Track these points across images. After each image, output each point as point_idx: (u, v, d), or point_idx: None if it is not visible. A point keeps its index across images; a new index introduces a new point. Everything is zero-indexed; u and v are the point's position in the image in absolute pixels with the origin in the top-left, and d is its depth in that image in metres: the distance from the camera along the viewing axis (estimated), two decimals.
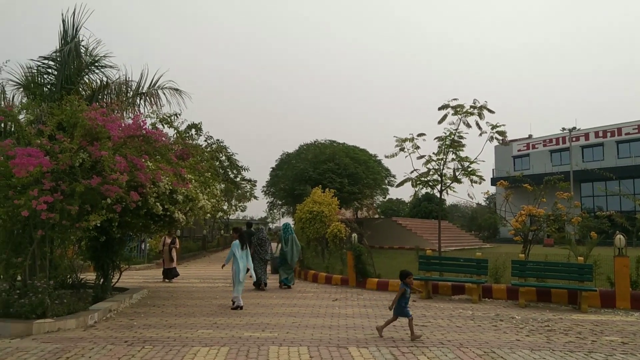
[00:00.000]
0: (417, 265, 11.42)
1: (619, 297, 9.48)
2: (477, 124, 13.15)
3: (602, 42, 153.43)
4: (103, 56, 11.18)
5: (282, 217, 39.29)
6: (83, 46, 11.04)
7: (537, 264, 10.51)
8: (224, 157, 31.43)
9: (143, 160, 8.41)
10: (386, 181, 34.87)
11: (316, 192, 19.46)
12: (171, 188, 9.27)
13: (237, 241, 9.72)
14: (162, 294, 11.36)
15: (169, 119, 10.01)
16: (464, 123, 13.22)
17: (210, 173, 11.82)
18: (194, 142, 21.57)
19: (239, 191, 38.94)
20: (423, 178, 14.01)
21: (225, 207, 34.13)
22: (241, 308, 9.13)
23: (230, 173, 33.42)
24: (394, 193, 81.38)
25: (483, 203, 49.62)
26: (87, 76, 11.37)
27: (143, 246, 21.14)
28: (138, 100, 11.66)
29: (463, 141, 13.43)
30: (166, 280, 14.53)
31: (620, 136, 44.08)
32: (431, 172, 13.85)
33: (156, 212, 9.28)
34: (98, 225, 7.76)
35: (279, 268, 13.27)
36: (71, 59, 10.58)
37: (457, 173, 13.71)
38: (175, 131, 10.60)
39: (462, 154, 13.55)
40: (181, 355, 5.67)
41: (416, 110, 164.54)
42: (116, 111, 9.79)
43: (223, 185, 26.11)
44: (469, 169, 13.54)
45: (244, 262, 9.62)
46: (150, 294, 11.20)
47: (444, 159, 13.55)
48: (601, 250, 11.78)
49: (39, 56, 10.72)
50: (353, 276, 12.97)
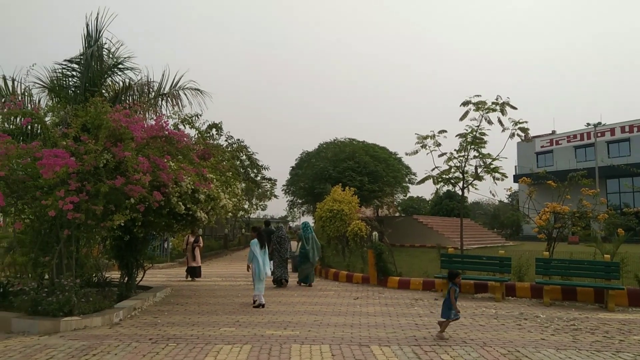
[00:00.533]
0: (439, 263, 11.36)
1: None
2: (500, 121, 13.03)
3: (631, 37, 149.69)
4: (125, 58, 11.30)
5: (302, 216, 39.35)
6: (106, 48, 11.20)
7: (562, 262, 10.34)
8: (245, 157, 31.67)
9: (165, 160, 8.50)
10: (407, 179, 34.59)
11: (336, 191, 19.46)
12: (193, 187, 9.35)
13: (256, 240, 9.79)
14: (185, 292, 11.50)
15: (191, 120, 10.10)
16: (486, 119, 13.11)
17: (231, 172, 11.90)
18: (215, 142, 21.74)
19: (260, 190, 39.19)
20: (444, 175, 13.93)
21: (246, 206, 34.38)
22: (263, 306, 9.19)
23: (250, 172, 33.68)
24: (415, 191, 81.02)
25: (505, 200, 49.20)
26: (110, 78, 11.54)
27: (166, 245, 21.43)
28: (160, 101, 11.78)
29: (485, 138, 13.32)
30: (189, 278, 14.66)
31: None
32: (453, 170, 13.77)
33: (178, 212, 9.37)
34: (122, 224, 7.88)
35: (299, 267, 13.37)
36: (94, 62, 10.77)
37: (479, 170, 13.58)
38: (196, 132, 10.71)
39: (484, 151, 13.44)
40: (205, 352, 5.73)
41: (438, 107, 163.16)
42: (139, 112, 9.91)
43: (244, 184, 26.32)
44: (491, 166, 13.40)
45: (263, 261, 9.70)
46: (173, 293, 11.35)
47: (466, 156, 13.45)
48: (628, 247, 11.55)
49: (64, 59, 10.91)
50: (374, 274, 12.93)
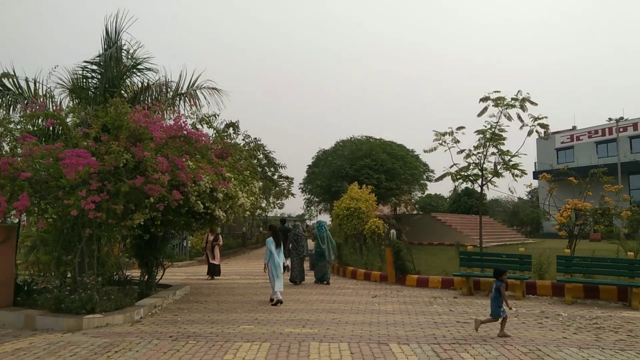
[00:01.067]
0: (458, 261, 11.26)
1: None
2: (519, 117, 12.84)
3: None
4: (144, 59, 11.49)
5: (319, 214, 39.30)
6: (124, 50, 11.36)
7: (584, 260, 10.14)
8: (262, 155, 31.80)
9: (184, 160, 8.59)
10: (424, 176, 34.30)
11: (353, 189, 19.42)
12: (211, 186, 9.42)
13: (271, 238, 9.84)
14: (204, 291, 11.60)
15: (208, 120, 10.18)
16: (505, 116, 12.93)
17: (248, 171, 11.97)
18: (232, 141, 21.87)
19: (277, 188, 39.33)
20: (463, 172, 13.78)
21: (263, 205, 34.53)
22: (281, 303, 9.24)
23: (268, 171, 33.80)
24: (433, 188, 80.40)
25: (525, 197, 48.51)
26: (129, 79, 11.69)
27: (185, 244, 21.63)
28: (177, 100, 11.91)
29: (504, 134, 13.14)
30: (209, 276, 14.72)
31: None
32: (471, 167, 13.62)
33: (197, 210, 9.46)
34: (142, 223, 7.97)
35: (315, 265, 13.43)
36: (114, 63, 10.93)
37: (498, 167, 13.41)
38: (214, 131, 10.79)
39: (503, 147, 13.26)
40: (224, 350, 5.78)
41: (455, 103, 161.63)
42: (157, 112, 10.02)
43: (261, 183, 26.43)
44: (511, 163, 13.22)
45: (280, 258, 9.75)
46: (192, 291, 11.46)
47: (485, 153, 13.29)
48: None
49: (84, 61, 11.13)
50: (392, 272, 12.88)
